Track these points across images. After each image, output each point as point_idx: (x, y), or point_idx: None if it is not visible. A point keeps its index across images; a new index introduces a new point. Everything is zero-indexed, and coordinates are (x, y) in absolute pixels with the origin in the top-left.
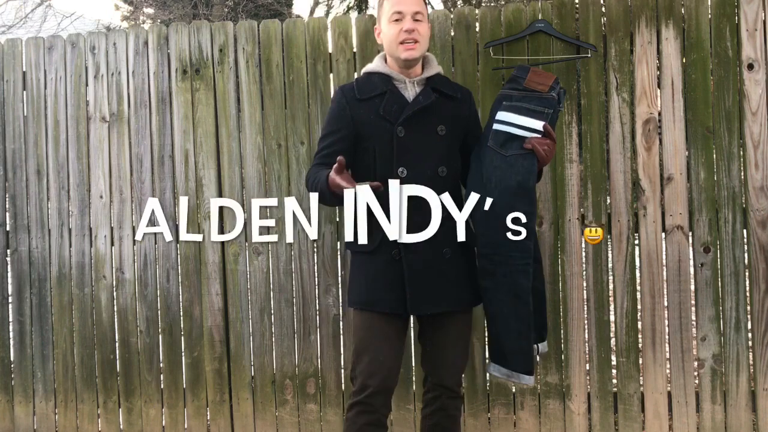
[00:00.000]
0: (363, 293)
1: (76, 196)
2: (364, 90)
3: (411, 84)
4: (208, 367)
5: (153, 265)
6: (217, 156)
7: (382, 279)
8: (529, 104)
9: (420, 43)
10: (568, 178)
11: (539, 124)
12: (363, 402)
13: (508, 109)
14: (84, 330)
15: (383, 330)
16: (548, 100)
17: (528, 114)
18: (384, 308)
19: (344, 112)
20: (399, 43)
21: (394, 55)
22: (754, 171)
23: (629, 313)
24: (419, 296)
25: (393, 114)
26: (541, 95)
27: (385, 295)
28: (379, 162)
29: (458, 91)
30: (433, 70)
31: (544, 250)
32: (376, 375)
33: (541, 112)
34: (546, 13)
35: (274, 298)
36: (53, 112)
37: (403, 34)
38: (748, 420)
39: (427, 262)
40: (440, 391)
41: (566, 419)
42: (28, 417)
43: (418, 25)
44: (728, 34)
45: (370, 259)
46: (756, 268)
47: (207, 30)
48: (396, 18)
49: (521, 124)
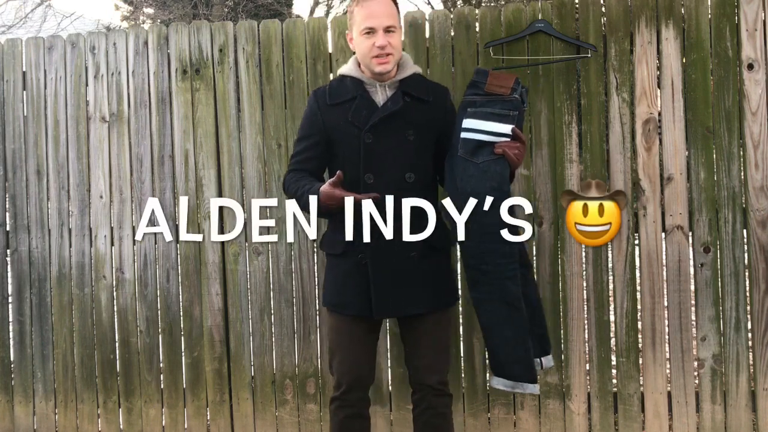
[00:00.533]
0: (333, 295)
1: (76, 196)
2: (335, 95)
3: (382, 88)
4: (208, 367)
5: (153, 265)
6: (217, 156)
7: (350, 282)
8: (494, 108)
9: (393, 55)
10: (568, 178)
11: (507, 128)
12: (340, 398)
13: (473, 116)
14: (84, 330)
15: (352, 331)
16: (512, 102)
17: (494, 119)
18: (350, 311)
19: (316, 117)
20: (371, 58)
21: (367, 67)
22: (754, 171)
23: (629, 313)
24: (384, 300)
25: (361, 120)
26: (504, 98)
27: (352, 299)
28: (347, 168)
29: (431, 94)
30: (407, 72)
31: (544, 250)
32: (348, 374)
33: (506, 115)
34: (546, 13)
35: (274, 298)
36: (53, 112)
37: (376, 49)
38: (748, 420)
39: (392, 267)
40: (425, 390)
41: (566, 419)
42: (28, 417)
43: (391, 37)
44: (728, 34)
45: (339, 262)
46: (756, 268)
47: (207, 30)
48: (368, 32)
49: (488, 129)
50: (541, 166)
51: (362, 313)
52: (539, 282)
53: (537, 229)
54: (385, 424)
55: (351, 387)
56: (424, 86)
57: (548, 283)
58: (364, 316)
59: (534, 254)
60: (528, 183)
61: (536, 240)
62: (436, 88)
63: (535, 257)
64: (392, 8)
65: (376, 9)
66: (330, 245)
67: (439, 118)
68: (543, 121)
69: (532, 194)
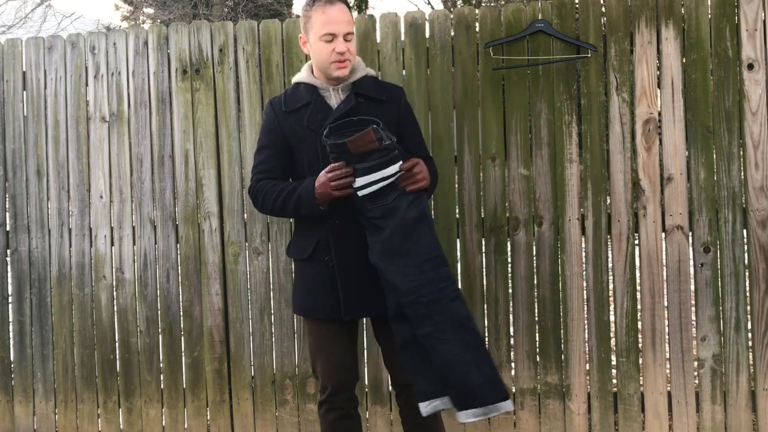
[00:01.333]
0: (302, 300)
1: (76, 196)
2: (290, 102)
3: (335, 92)
4: (208, 367)
5: (153, 265)
6: (217, 156)
7: (319, 285)
8: (373, 161)
9: (350, 60)
10: (568, 178)
11: (395, 168)
12: (327, 401)
13: (359, 174)
14: (84, 330)
15: (329, 334)
16: (385, 148)
17: (379, 168)
18: (320, 314)
19: (273, 125)
20: (331, 62)
21: (325, 72)
22: (754, 171)
23: (629, 313)
24: (352, 300)
25: (317, 124)
26: (374, 149)
27: (321, 302)
28: (309, 172)
29: (384, 93)
30: (359, 74)
31: (544, 250)
32: (331, 376)
33: (388, 159)
34: (546, 13)
35: (274, 298)
36: (53, 112)
37: (336, 55)
38: (748, 420)
39: (359, 267)
40: (407, 390)
41: (566, 419)
42: (28, 417)
43: (350, 44)
44: (728, 34)
45: (307, 266)
46: (756, 268)
47: (207, 30)
48: (328, 39)
49: (380, 177)
50: (541, 166)
51: (332, 316)
52: (539, 282)
53: (537, 229)
54: (385, 424)
55: (336, 389)
56: (376, 86)
57: (548, 283)
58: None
59: (534, 254)
60: (528, 183)
61: (536, 240)
62: (389, 87)
63: (535, 257)
64: (350, 15)
65: (336, 15)
66: (296, 251)
67: (393, 113)
68: (543, 121)
69: (532, 194)
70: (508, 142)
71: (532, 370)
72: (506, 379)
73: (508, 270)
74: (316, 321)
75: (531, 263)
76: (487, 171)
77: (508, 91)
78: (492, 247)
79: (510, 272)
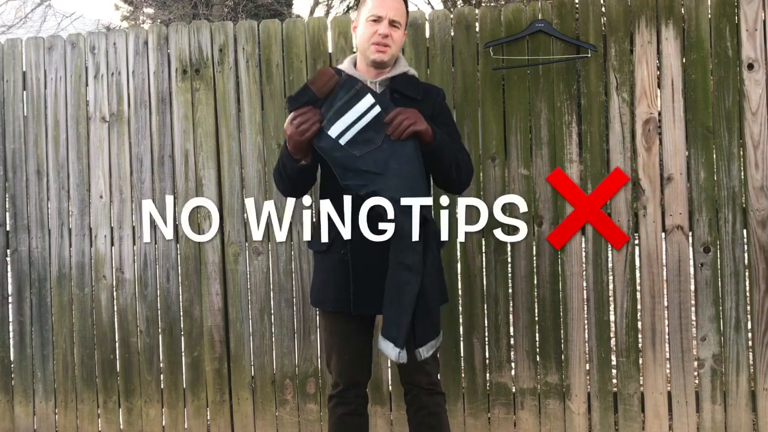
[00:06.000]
0: (316, 291)
1: (76, 196)
2: None
3: (373, 85)
4: (208, 367)
5: (153, 265)
6: (217, 156)
7: (332, 278)
8: (342, 100)
9: (391, 48)
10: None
11: (367, 101)
12: (338, 396)
13: (333, 120)
14: (84, 330)
15: (344, 330)
16: (347, 80)
17: (350, 105)
18: (330, 307)
19: None
20: (371, 44)
21: (364, 53)
22: (754, 171)
23: (629, 313)
24: (363, 296)
25: None
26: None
27: (333, 294)
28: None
29: (420, 92)
30: (399, 70)
31: (544, 250)
32: (344, 373)
33: (355, 93)
34: (546, 13)
35: (274, 298)
36: (53, 112)
37: (377, 36)
38: (748, 420)
39: (372, 263)
40: (415, 389)
41: (566, 419)
42: (28, 417)
43: (394, 31)
44: (728, 34)
45: (324, 259)
46: (756, 268)
47: (207, 30)
48: (374, 19)
49: (355, 117)
50: (541, 166)
51: (342, 309)
52: (539, 282)
53: (537, 229)
54: (385, 424)
55: (348, 385)
56: (414, 85)
57: (548, 283)
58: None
59: (534, 254)
60: (528, 183)
61: (536, 240)
62: (428, 87)
63: (535, 257)
64: (403, 6)
65: (389, 2)
66: (316, 243)
67: (427, 112)
68: (543, 121)
69: (532, 194)
70: (508, 142)
71: (532, 370)
72: (506, 378)
73: (508, 270)
74: (331, 317)
75: (531, 263)
76: (487, 171)
77: (508, 91)
78: (492, 247)
79: (510, 272)
